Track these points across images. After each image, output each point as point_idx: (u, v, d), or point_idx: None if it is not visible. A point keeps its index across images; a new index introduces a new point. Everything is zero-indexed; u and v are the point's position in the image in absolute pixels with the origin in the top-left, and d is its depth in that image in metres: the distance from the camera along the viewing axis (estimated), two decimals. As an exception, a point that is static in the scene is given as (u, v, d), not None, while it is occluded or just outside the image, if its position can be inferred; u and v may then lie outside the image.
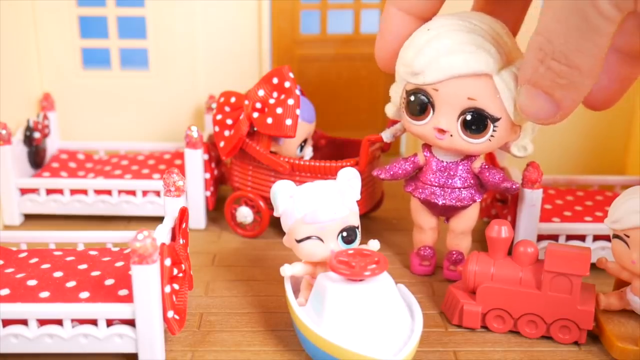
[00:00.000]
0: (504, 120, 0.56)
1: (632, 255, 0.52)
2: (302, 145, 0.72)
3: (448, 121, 0.57)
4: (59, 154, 0.83)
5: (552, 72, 0.49)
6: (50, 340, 0.52)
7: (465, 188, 0.61)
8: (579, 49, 0.47)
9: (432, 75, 0.56)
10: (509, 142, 0.59)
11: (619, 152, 0.89)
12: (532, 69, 0.51)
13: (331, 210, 0.52)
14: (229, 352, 0.55)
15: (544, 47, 0.49)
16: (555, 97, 0.51)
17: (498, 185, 0.60)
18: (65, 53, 0.88)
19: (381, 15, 0.57)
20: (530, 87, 0.51)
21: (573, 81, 0.49)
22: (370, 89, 0.94)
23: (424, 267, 0.67)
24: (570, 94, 0.50)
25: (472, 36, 0.55)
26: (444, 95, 0.56)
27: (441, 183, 0.61)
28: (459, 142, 0.58)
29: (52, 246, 0.63)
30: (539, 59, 0.49)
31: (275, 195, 0.53)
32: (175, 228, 0.56)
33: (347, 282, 0.50)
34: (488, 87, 0.55)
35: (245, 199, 0.73)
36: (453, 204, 0.61)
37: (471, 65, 0.54)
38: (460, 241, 0.65)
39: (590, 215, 0.69)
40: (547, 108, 0.52)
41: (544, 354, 0.55)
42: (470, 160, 0.61)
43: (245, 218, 0.73)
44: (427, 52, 0.56)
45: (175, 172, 0.57)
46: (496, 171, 0.61)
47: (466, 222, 0.64)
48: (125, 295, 0.53)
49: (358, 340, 0.48)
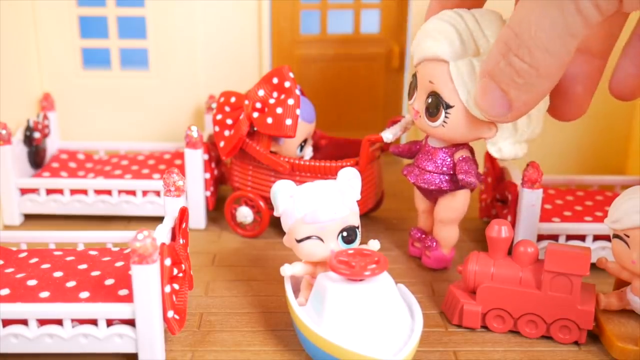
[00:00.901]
0: (458, 109, 0.57)
1: (632, 255, 0.52)
2: (302, 145, 0.72)
3: (419, 102, 0.60)
4: (59, 154, 0.83)
5: (512, 69, 0.48)
6: (50, 340, 0.52)
7: (436, 173, 0.63)
8: (547, 47, 0.46)
9: (415, 57, 0.60)
10: (485, 139, 0.59)
11: (619, 152, 0.89)
12: (493, 62, 0.50)
13: (331, 210, 0.52)
14: (229, 352, 0.55)
15: (509, 42, 0.48)
16: (509, 95, 0.50)
17: (457, 174, 0.61)
18: (65, 53, 0.88)
19: (426, 10, 0.62)
20: (488, 80, 0.51)
21: (529, 82, 0.48)
22: (370, 89, 0.94)
23: (415, 248, 0.69)
24: (523, 95, 0.49)
25: (443, 24, 0.57)
26: (419, 77, 0.60)
27: (419, 164, 0.64)
28: (424, 124, 0.60)
29: (52, 246, 0.63)
30: (502, 53, 0.49)
31: (275, 195, 0.53)
32: (175, 228, 0.56)
33: (347, 282, 0.50)
34: (443, 73, 0.57)
35: (245, 198, 0.73)
36: (419, 184, 0.64)
37: (431, 49, 0.57)
38: (438, 230, 0.66)
39: (590, 215, 0.69)
40: (500, 105, 0.51)
41: (544, 354, 0.55)
42: (452, 150, 0.62)
43: (245, 218, 0.73)
44: (417, 36, 0.60)
45: (175, 172, 0.57)
46: (466, 164, 0.61)
47: (444, 211, 0.65)
48: (125, 295, 0.53)
49: (358, 340, 0.48)
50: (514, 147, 0.58)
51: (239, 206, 0.74)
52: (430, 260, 0.67)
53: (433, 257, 0.66)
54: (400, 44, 0.92)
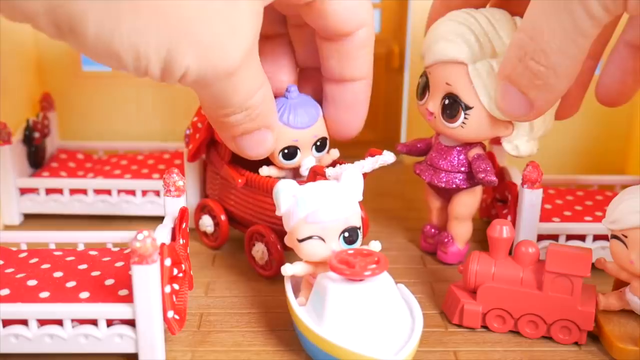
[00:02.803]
0: (478, 110, 0.58)
1: (630, 256, 0.52)
2: (292, 151, 0.61)
3: (434, 103, 0.61)
4: (58, 154, 0.83)
5: (530, 72, 0.50)
6: (50, 340, 0.52)
7: (453, 172, 0.64)
8: (561, 49, 0.47)
9: (427, 59, 0.61)
10: (501, 137, 0.60)
11: (619, 152, 0.89)
12: (510, 66, 0.51)
13: (333, 210, 0.52)
14: (229, 352, 0.54)
15: (525, 45, 0.49)
16: (529, 96, 0.51)
17: (475, 174, 0.62)
18: (65, 53, 0.87)
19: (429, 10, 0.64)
20: (507, 84, 0.52)
21: (548, 83, 0.50)
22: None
23: (428, 244, 0.70)
24: (544, 95, 0.51)
25: (459, 26, 0.58)
26: (433, 79, 0.61)
27: (434, 163, 0.65)
28: (440, 125, 0.61)
29: (52, 246, 0.63)
30: (519, 57, 0.50)
31: (278, 194, 0.53)
32: (175, 228, 0.56)
33: (347, 282, 0.50)
34: (462, 75, 0.58)
35: (209, 207, 0.70)
36: (435, 183, 0.64)
37: (448, 52, 0.58)
38: (454, 226, 0.67)
39: (590, 215, 0.69)
40: (521, 106, 0.53)
41: (544, 354, 0.55)
42: (467, 148, 0.63)
43: (206, 227, 0.70)
44: (427, 38, 0.61)
45: (175, 172, 0.57)
46: (483, 162, 0.62)
47: (459, 208, 0.66)
48: (125, 295, 0.53)
49: (358, 340, 0.48)
50: (529, 144, 0.61)
51: (204, 214, 0.71)
52: (447, 256, 0.68)
53: (450, 253, 0.67)
54: (400, 44, 0.92)
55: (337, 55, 0.56)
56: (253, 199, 0.64)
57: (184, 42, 0.44)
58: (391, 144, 0.93)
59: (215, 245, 0.70)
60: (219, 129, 0.55)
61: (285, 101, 0.61)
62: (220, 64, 0.46)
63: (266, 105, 0.52)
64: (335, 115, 0.61)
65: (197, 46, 0.44)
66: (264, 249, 0.64)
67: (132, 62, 0.44)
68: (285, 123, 0.60)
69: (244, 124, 0.52)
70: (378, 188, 0.85)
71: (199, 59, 0.45)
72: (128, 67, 0.44)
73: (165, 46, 0.43)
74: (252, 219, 0.65)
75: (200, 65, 0.45)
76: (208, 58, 0.45)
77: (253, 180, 0.63)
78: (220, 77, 0.47)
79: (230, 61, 0.46)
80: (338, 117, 0.61)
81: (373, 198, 0.80)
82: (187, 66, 0.45)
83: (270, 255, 0.64)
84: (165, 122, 0.90)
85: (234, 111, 0.51)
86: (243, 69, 0.48)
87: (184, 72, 0.45)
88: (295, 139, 0.60)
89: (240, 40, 0.46)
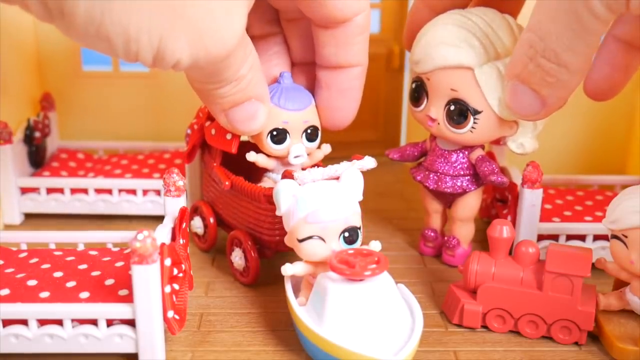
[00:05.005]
0: (487, 114, 0.58)
1: (630, 256, 0.52)
2: (280, 136, 0.60)
3: (437, 110, 0.60)
4: (59, 153, 0.83)
5: (541, 70, 0.50)
6: (50, 340, 0.52)
7: (457, 177, 0.63)
8: (571, 47, 0.47)
9: (425, 65, 0.59)
10: (505, 137, 0.60)
11: (619, 152, 0.89)
12: (521, 66, 0.51)
13: (333, 210, 0.52)
14: (229, 352, 0.55)
15: (534, 45, 0.49)
16: (541, 94, 0.51)
17: (485, 176, 0.62)
18: (65, 53, 0.87)
19: (409, 9, 0.63)
20: (518, 83, 0.52)
21: (561, 79, 0.50)
22: (370, 89, 0.93)
23: (428, 248, 0.70)
24: (556, 92, 0.51)
25: (460, 30, 0.57)
26: (433, 85, 0.59)
27: (435, 169, 0.64)
28: (445, 131, 0.60)
29: (52, 246, 0.63)
30: (529, 56, 0.50)
31: (278, 194, 0.53)
32: (175, 228, 0.56)
33: (347, 282, 0.50)
34: (469, 79, 0.57)
35: (200, 209, 0.69)
36: (442, 190, 0.63)
37: (452, 57, 0.57)
38: (458, 228, 0.67)
39: (590, 215, 0.69)
40: (533, 104, 0.52)
41: (544, 354, 0.55)
42: (468, 150, 0.63)
43: (197, 229, 0.69)
44: (423, 43, 0.59)
45: (175, 172, 0.57)
46: (490, 163, 0.62)
47: (463, 210, 0.66)
48: (125, 295, 0.53)
49: (358, 340, 0.48)
50: (533, 142, 0.61)
51: (195, 216, 0.70)
52: (455, 259, 0.67)
53: (457, 255, 0.67)
54: (400, 44, 0.92)
55: (335, 42, 0.56)
56: (237, 204, 0.64)
57: (177, 27, 0.42)
58: (391, 144, 0.93)
59: (205, 247, 0.70)
60: (208, 102, 0.54)
61: (277, 86, 0.60)
62: (214, 50, 0.45)
63: (255, 74, 0.52)
64: (328, 101, 0.60)
65: (191, 31, 0.43)
66: (241, 255, 0.63)
67: (122, 46, 0.42)
68: (276, 104, 0.59)
69: (234, 95, 0.52)
70: (378, 188, 0.85)
71: (193, 44, 0.43)
72: (118, 50, 0.42)
73: (158, 31, 0.42)
74: (236, 223, 0.65)
75: (194, 51, 0.44)
76: (203, 43, 0.44)
77: (237, 184, 0.62)
78: (214, 61, 0.46)
79: (226, 46, 0.45)
80: (331, 103, 0.60)
81: (373, 198, 0.80)
82: (181, 52, 0.43)
83: (247, 262, 0.63)
84: (166, 121, 0.90)
85: (224, 85, 0.50)
86: (237, 51, 0.47)
87: (177, 59, 0.44)
88: (285, 120, 0.59)
89: (235, 23, 0.45)
